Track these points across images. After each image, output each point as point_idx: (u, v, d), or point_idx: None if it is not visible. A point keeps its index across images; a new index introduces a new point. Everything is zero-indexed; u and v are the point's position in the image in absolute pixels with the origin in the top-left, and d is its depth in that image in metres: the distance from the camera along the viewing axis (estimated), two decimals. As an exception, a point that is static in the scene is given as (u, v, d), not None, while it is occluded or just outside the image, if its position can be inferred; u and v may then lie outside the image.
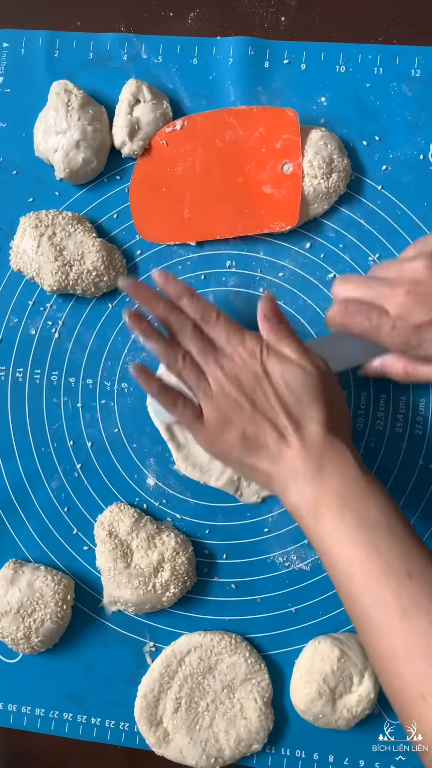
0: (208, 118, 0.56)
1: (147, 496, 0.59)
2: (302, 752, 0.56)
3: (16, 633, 0.55)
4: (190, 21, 0.61)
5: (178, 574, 0.55)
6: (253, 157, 0.56)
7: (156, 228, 0.58)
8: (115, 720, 0.57)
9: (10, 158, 0.61)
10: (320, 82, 0.59)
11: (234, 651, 0.55)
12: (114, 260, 0.58)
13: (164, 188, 0.56)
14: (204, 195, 0.56)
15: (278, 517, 0.57)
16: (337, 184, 0.57)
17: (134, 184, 0.57)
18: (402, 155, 0.58)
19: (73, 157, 0.57)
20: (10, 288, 0.60)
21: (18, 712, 0.58)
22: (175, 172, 0.56)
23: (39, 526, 0.59)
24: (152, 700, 0.55)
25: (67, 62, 0.61)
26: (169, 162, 0.56)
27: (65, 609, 0.56)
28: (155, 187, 0.57)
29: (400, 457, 0.57)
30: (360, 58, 0.59)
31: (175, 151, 0.56)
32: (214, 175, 0.56)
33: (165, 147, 0.56)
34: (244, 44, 0.59)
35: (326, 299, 0.58)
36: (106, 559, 0.56)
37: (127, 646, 0.58)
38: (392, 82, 0.58)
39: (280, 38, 0.60)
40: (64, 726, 0.58)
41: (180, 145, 0.56)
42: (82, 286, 0.57)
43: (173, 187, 0.57)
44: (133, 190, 0.58)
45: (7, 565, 0.57)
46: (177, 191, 0.57)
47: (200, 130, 0.56)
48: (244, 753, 0.55)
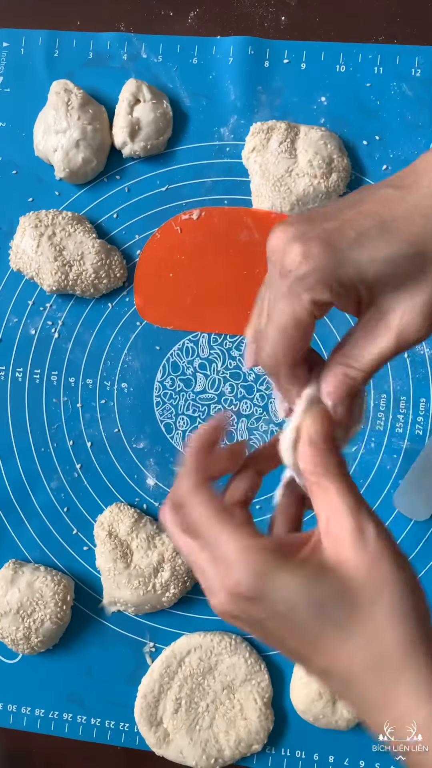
0: (226, 215, 0.55)
1: (147, 496, 0.59)
2: (302, 753, 0.56)
3: (15, 633, 0.55)
4: (190, 20, 0.61)
5: (178, 574, 0.55)
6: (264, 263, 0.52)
7: (157, 310, 0.57)
8: (115, 720, 0.57)
9: (10, 158, 0.61)
10: (320, 81, 0.59)
11: (234, 651, 0.55)
12: (113, 261, 0.58)
13: (171, 274, 0.55)
14: (210, 289, 0.55)
15: (278, 518, 0.57)
16: (337, 183, 0.57)
17: (142, 262, 0.56)
18: (402, 155, 0.58)
19: (73, 156, 0.57)
20: (10, 288, 0.60)
21: (18, 713, 0.58)
22: (185, 260, 0.55)
23: (39, 526, 0.59)
24: (152, 701, 0.55)
25: (67, 62, 0.61)
26: (179, 249, 0.55)
27: (65, 609, 0.56)
28: (162, 270, 0.55)
29: (400, 457, 0.57)
30: (360, 57, 0.59)
31: (187, 239, 0.55)
32: (223, 272, 0.55)
33: (178, 233, 0.54)
34: (244, 44, 0.59)
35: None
36: (105, 559, 0.56)
37: (127, 646, 0.58)
38: (392, 82, 0.58)
39: (280, 38, 0.60)
40: (63, 726, 0.58)
41: (194, 234, 0.54)
42: (82, 286, 0.57)
43: (181, 275, 0.55)
44: (139, 268, 0.56)
45: (6, 566, 0.57)
46: (184, 279, 0.55)
47: (216, 224, 0.55)
48: (244, 753, 0.55)
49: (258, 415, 0.58)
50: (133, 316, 0.59)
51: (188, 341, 0.59)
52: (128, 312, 0.59)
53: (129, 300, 0.59)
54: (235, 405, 0.58)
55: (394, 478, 0.57)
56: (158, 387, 0.59)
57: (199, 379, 0.59)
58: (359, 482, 0.57)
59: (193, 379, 0.59)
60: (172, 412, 0.59)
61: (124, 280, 0.59)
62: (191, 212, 0.53)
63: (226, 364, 0.58)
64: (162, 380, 0.59)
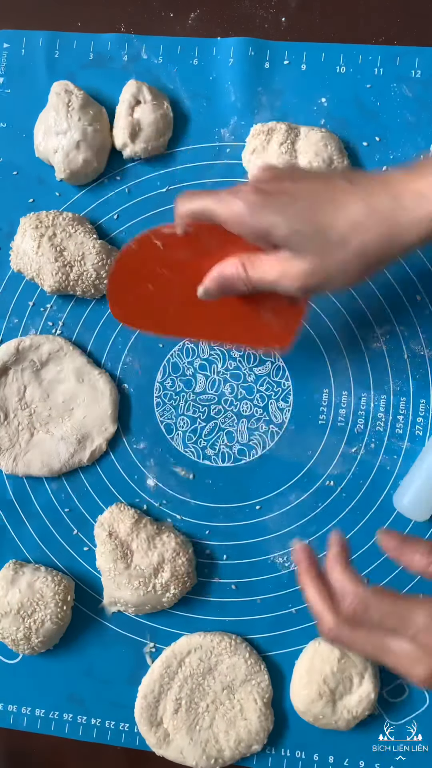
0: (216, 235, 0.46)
1: (147, 496, 0.59)
2: (302, 753, 0.56)
3: (16, 634, 0.55)
4: (191, 22, 0.61)
5: (179, 574, 0.55)
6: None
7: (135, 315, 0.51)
8: (115, 721, 0.57)
9: (11, 159, 0.61)
10: (320, 82, 0.59)
11: (234, 652, 0.55)
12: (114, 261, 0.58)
13: (151, 286, 0.48)
14: (196, 305, 0.48)
15: (278, 518, 0.57)
16: (338, 184, 0.57)
17: (116, 273, 0.49)
18: (402, 156, 0.58)
19: (74, 157, 0.57)
20: (11, 288, 0.60)
21: (18, 713, 0.58)
22: (167, 275, 0.48)
23: (39, 526, 0.59)
24: (152, 701, 0.55)
25: (68, 63, 0.61)
26: (160, 262, 0.48)
27: (65, 610, 0.56)
28: (139, 282, 0.48)
29: (400, 457, 0.57)
30: (360, 58, 0.59)
31: (170, 254, 0.47)
32: None
33: (158, 248, 0.47)
34: (245, 45, 0.59)
35: (327, 299, 0.58)
36: (106, 559, 0.56)
37: (127, 646, 0.58)
38: (392, 83, 0.58)
39: (281, 39, 0.60)
40: (64, 726, 0.58)
41: (177, 250, 0.47)
42: (82, 287, 0.57)
43: (162, 289, 0.49)
44: (112, 280, 0.49)
45: (7, 566, 0.57)
46: (165, 293, 0.49)
47: (203, 243, 0.47)
48: (244, 754, 0.55)
49: (258, 415, 0.58)
50: (133, 316, 0.59)
51: (188, 342, 0.59)
52: (129, 313, 0.59)
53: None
54: (235, 405, 0.58)
55: (394, 478, 0.57)
56: (158, 387, 0.59)
57: (199, 379, 0.59)
58: (359, 483, 0.57)
59: (194, 380, 0.59)
60: (173, 412, 0.59)
61: (124, 280, 0.59)
62: (172, 226, 0.46)
63: (227, 364, 0.58)
64: (162, 381, 0.59)
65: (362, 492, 0.57)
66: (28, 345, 0.58)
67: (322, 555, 0.57)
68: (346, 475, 0.57)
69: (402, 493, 0.56)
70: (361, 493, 0.57)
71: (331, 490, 0.57)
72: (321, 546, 0.57)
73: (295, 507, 0.57)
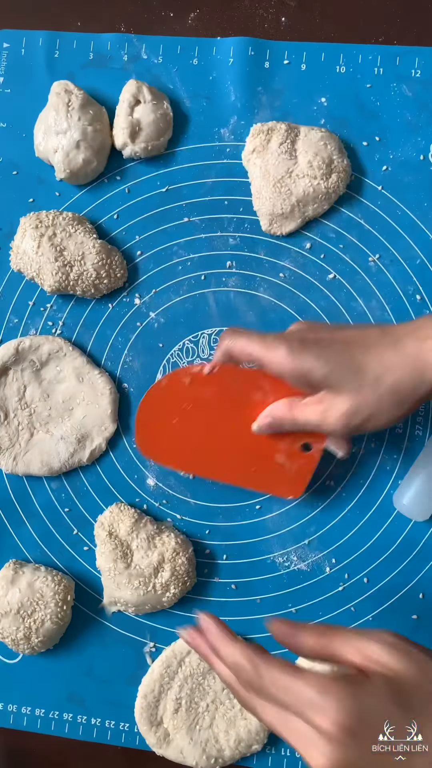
0: (241, 375, 0.51)
1: (147, 496, 0.59)
2: (302, 753, 0.56)
3: (16, 633, 0.55)
4: (191, 21, 0.61)
5: (179, 574, 0.55)
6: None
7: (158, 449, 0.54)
8: (115, 720, 0.57)
9: (11, 158, 0.61)
10: (320, 82, 0.59)
11: (234, 651, 0.55)
12: (114, 261, 0.58)
13: (175, 420, 0.52)
14: (216, 440, 0.53)
15: (278, 518, 0.57)
16: (337, 184, 0.57)
17: (146, 403, 0.53)
18: (402, 156, 0.58)
19: (74, 157, 0.57)
20: (11, 288, 0.60)
21: (18, 713, 0.58)
22: (191, 410, 0.52)
23: (39, 526, 0.59)
24: (152, 701, 0.56)
25: (68, 62, 0.61)
26: (186, 398, 0.52)
27: (65, 609, 0.56)
28: (165, 415, 0.53)
29: (400, 457, 0.57)
30: (360, 58, 0.59)
31: (195, 391, 0.51)
32: (231, 427, 0.52)
33: (185, 384, 0.51)
34: (245, 45, 0.59)
35: (327, 299, 0.58)
36: (106, 559, 0.56)
37: (127, 646, 0.58)
38: (392, 83, 0.58)
39: (281, 39, 0.60)
40: (64, 726, 0.58)
41: (202, 387, 0.51)
42: (82, 287, 0.57)
43: (185, 422, 0.53)
44: (141, 410, 0.53)
45: (7, 566, 0.57)
46: (188, 426, 0.53)
47: (228, 383, 0.51)
48: (244, 753, 0.55)
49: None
50: (133, 316, 0.59)
51: (188, 341, 0.59)
52: (128, 312, 0.59)
53: (129, 300, 0.59)
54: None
55: (394, 478, 0.57)
56: (158, 387, 0.59)
57: (199, 379, 0.59)
58: (359, 482, 0.57)
59: (194, 380, 0.59)
60: (173, 412, 0.59)
61: (124, 280, 0.59)
62: (202, 365, 0.51)
63: (227, 364, 0.58)
64: (162, 381, 0.59)
65: (362, 492, 0.57)
66: (27, 346, 0.58)
67: (327, 551, 0.58)
68: (346, 475, 0.57)
69: (402, 493, 0.56)
70: (361, 493, 0.57)
71: (331, 490, 0.57)
72: (320, 546, 0.57)
73: (295, 507, 0.57)
